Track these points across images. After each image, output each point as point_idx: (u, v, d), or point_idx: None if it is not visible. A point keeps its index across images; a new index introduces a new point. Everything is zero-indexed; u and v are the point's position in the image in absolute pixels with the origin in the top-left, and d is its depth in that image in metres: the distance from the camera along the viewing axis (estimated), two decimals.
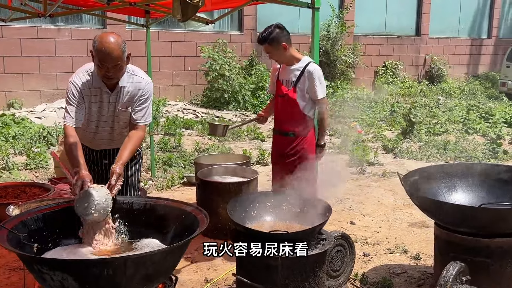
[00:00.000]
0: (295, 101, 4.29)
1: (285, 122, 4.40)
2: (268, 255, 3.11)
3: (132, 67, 3.59)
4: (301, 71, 4.28)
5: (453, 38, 19.21)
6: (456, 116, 11.99)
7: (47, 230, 2.96)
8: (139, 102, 3.57)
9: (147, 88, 3.59)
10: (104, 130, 3.70)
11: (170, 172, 7.25)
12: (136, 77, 3.57)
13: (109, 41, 3.24)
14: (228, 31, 13.74)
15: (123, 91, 3.53)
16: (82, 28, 11.44)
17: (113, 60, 3.26)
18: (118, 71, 3.36)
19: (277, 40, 4.24)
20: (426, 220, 5.39)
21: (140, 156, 4.00)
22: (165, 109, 11.67)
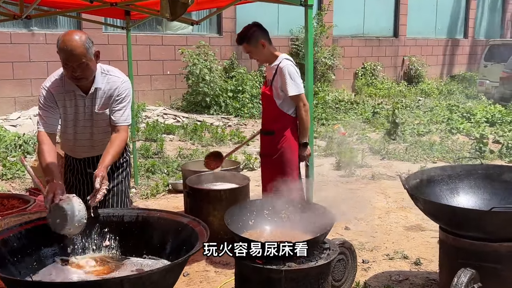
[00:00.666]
0: (272, 98, 4.26)
1: (266, 121, 4.41)
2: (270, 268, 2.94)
3: (107, 67, 3.41)
4: (275, 69, 4.24)
5: (430, 39, 19.31)
6: (438, 116, 11.97)
7: (31, 247, 2.72)
8: (116, 102, 3.36)
9: (124, 87, 3.37)
10: (83, 136, 3.48)
11: (154, 180, 6.99)
12: (112, 76, 3.37)
13: (71, 39, 3.06)
14: (207, 34, 13.52)
15: (98, 93, 3.33)
16: (57, 32, 11.07)
17: (77, 58, 3.06)
18: (85, 70, 3.15)
19: (255, 38, 4.20)
20: (422, 223, 5.27)
21: (128, 163, 3.74)
22: (144, 114, 11.39)
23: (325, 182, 6.96)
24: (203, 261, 4.39)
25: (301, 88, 4.21)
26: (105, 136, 3.49)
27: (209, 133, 10.00)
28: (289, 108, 4.25)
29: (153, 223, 2.97)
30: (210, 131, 10.16)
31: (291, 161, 4.29)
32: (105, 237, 2.98)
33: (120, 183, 3.64)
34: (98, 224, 2.98)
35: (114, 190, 3.61)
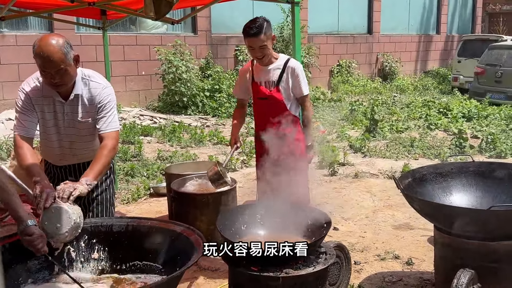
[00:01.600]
0: (281, 101, 4.01)
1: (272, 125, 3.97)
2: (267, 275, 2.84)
3: (88, 72, 3.24)
4: (281, 69, 4.01)
5: (403, 35, 19.46)
6: (415, 112, 12.03)
7: (16, 262, 2.56)
8: (100, 110, 3.20)
9: (105, 93, 3.21)
10: (64, 144, 3.32)
11: (134, 183, 6.81)
12: (92, 82, 3.21)
13: (48, 44, 2.89)
14: (182, 33, 13.33)
15: (80, 100, 3.17)
16: (28, 34, 10.76)
17: (54, 64, 2.91)
18: (64, 76, 2.99)
19: (269, 30, 3.89)
20: (410, 222, 5.24)
21: (111, 170, 3.58)
22: (120, 116, 11.15)
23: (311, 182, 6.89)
24: (191, 267, 4.25)
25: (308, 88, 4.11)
26: (87, 144, 3.35)
27: (187, 134, 9.84)
28: (295, 110, 4.10)
29: (144, 233, 2.85)
30: (188, 132, 10.00)
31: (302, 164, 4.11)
32: (94, 249, 2.85)
33: (104, 191, 3.49)
34: (85, 235, 2.83)
35: (99, 198, 3.46)
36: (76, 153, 3.36)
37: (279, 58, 4.07)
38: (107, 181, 3.52)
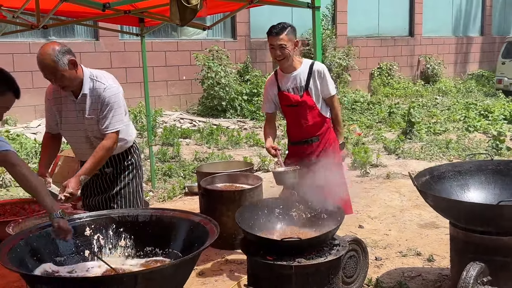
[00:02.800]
0: (314, 105, 4.07)
1: (305, 130, 4.12)
2: (281, 264, 3.01)
3: (97, 73, 3.51)
4: (307, 73, 4.07)
5: (446, 37, 19.20)
6: (455, 115, 11.91)
7: (49, 247, 2.83)
8: (102, 109, 3.46)
9: (107, 94, 3.44)
10: (80, 140, 3.62)
11: (171, 183, 7.11)
12: (98, 83, 3.47)
13: (42, 53, 3.23)
14: (221, 39, 13.65)
15: (86, 99, 3.47)
16: (75, 41, 11.31)
17: (49, 71, 3.25)
18: (62, 80, 3.32)
19: (293, 33, 3.99)
20: (436, 221, 5.28)
21: (135, 165, 3.81)
22: (161, 119, 11.55)
23: None
24: (218, 260, 4.48)
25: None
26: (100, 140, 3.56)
27: (225, 137, 10.11)
28: (326, 111, 4.16)
29: (167, 222, 3.06)
30: (226, 134, 10.27)
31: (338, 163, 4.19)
32: (121, 237, 3.09)
33: (127, 185, 3.74)
34: (113, 224, 3.09)
35: (122, 192, 3.73)
36: (92, 147, 3.57)
37: (303, 63, 4.13)
38: (129, 176, 3.76)
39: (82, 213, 3.36)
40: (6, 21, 5.21)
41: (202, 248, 2.55)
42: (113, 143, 3.46)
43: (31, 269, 2.60)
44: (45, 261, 2.74)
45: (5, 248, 2.55)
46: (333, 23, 15.73)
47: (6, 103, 2.85)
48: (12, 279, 4.01)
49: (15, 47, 10.37)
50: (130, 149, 3.75)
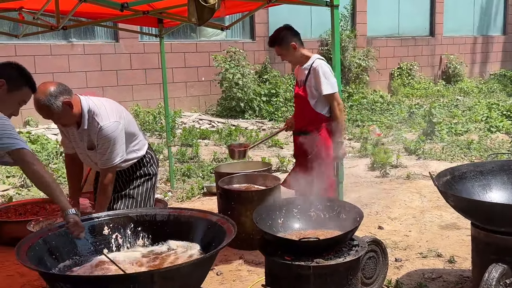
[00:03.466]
0: (306, 99, 4.32)
1: (300, 122, 4.45)
2: (299, 264, 2.99)
3: (94, 109, 3.47)
4: (308, 69, 4.30)
5: (468, 37, 18.94)
6: (477, 115, 11.74)
7: (68, 246, 2.85)
8: (99, 146, 3.52)
9: (103, 134, 3.46)
10: (89, 160, 3.70)
11: (189, 183, 7.13)
12: (94, 121, 3.47)
13: (37, 99, 3.25)
14: (240, 40, 13.66)
15: (85, 133, 3.52)
16: (95, 43, 11.43)
17: (45, 114, 3.32)
18: (60, 120, 3.41)
19: (286, 40, 4.29)
20: (457, 222, 5.20)
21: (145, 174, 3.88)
22: (180, 120, 11.60)
23: (359, 183, 6.95)
24: (236, 260, 4.47)
25: (335, 87, 4.25)
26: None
27: (243, 137, 10.11)
28: (322, 108, 4.30)
29: (184, 222, 3.07)
30: (244, 135, 10.27)
31: (326, 161, 4.28)
32: (139, 236, 3.10)
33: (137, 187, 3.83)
34: (131, 224, 3.10)
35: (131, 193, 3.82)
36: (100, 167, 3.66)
37: (310, 58, 4.35)
38: (140, 180, 3.84)
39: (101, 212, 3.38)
40: (26, 22, 5.28)
41: (220, 248, 2.54)
42: (112, 177, 3.58)
43: (49, 268, 2.62)
44: (63, 260, 2.76)
45: (24, 246, 2.57)
46: (352, 23, 15.63)
47: (24, 97, 2.95)
48: (32, 278, 4.06)
49: (37, 49, 10.51)
50: (141, 161, 3.81)
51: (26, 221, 4.49)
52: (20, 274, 4.21)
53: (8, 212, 5.09)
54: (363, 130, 10.32)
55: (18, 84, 2.90)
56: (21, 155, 2.69)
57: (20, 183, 7.06)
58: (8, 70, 2.92)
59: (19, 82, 2.92)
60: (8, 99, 2.88)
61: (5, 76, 2.88)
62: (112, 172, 3.57)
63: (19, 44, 9.82)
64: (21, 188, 6.94)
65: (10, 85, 2.88)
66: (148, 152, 3.87)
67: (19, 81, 2.92)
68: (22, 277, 4.17)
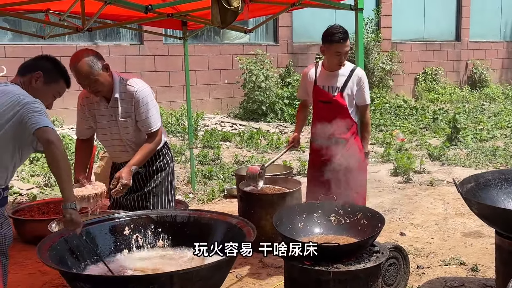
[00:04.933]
0: (344, 106, 4.10)
1: (333, 129, 4.14)
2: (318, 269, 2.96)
3: (126, 77, 3.58)
4: (347, 76, 4.11)
5: (494, 42, 18.65)
6: (503, 121, 11.54)
7: (89, 246, 2.87)
8: (138, 111, 3.54)
9: (140, 95, 3.52)
10: (115, 142, 3.70)
11: (210, 185, 7.14)
12: (128, 86, 3.54)
13: (75, 59, 3.32)
14: (263, 43, 13.67)
15: (118, 102, 3.53)
16: (120, 45, 11.55)
17: (83, 77, 3.32)
18: (96, 85, 3.39)
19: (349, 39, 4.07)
20: (481, 230, 5.12)
21: (167, 165, 3.88)
22: (203, 122, 11.64)
23: (382, 188, 6.88)
24: (256, 264, 4.45)
25: None
26: (136, 140, 3.67)
27: (265, 140, 10.10)
28: (355, 116, 4.20)
29: (204, 224, 3.07)
30: (266, 138, 10.26)
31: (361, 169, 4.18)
32: (159, 237, 3.12)
33: (159, 184, 3.81)
34: (152, 224, 3.11)
35: (154, 191, 3.78)
36: (127, 149, 3.69)
37: (346, 65, 4.16)
38: (162, 175, 3.82)
39: (122, 212, 3.41)
40: (52, 23, 5.36)
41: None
42: (158, 138, 3.62)
43: (70, 267, 2.64)
44: (84, 260, 2.78)
45: (46, 245, 2.60)
46: (377, 27, 15.51)
47: (59, 89, 3.02)
48: (53, 277, 4.11)
49: (63, 49, 10.64)
50: (162, 150, 3.82)
51: (49, 220, 4.53)
52: (41, 272, 4.27)
53: (31, 211, 5.16)
54: (386, 135, 10.23)
55: (54, 76, 2.97)
56: (43, 134, 2.60)
57: (44, 182, 7.15)
58: (45, 63, 2.99)
59: (56, 75, 2.99)
60: (44, 91, 2.93)
61: (42, 68, 2.93)
62: (158, 136, 3.62)
63: (45, 45, 9.96)
64: (45, 187, 7.04)
65: (47, 77, 2.93)
66: (166, 143, 3.91)
67: (56, 73, 2.99)
68: (43, 276, 4.22)
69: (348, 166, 4.02)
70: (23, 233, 4.94)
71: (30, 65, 2.97)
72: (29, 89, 2.88)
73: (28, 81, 2.90)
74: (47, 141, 2.60)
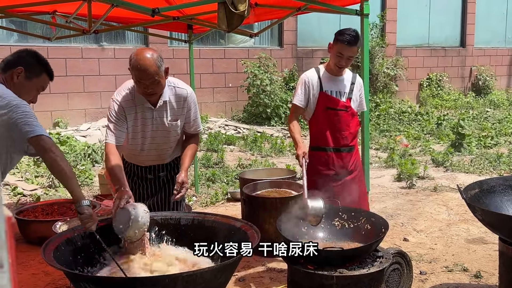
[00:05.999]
0: (355, 113, 4.06)
1: (345, 137, 4.02)
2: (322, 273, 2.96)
3: (173, 80, 3.54)
4: (351, 82, 4.04)
5: (499, 49, 18.64)
6: (507, 128, 11.53)
7: (94, 246, 2.88)
8: (189, 113, 3.55)
9: (191, 98, 3.55)
10: (151, 147, 3.61)
11: (214, 188, 7.15)
12: (178, 88, 3.51)
13: (144, 58, 3.19)
14: (268, 47, 13.69)
15: (168, 105, 3.48)
16: (125, 47, 11.58)
17: (150, 76, 3.19)
18: (157, 87, 3.29)
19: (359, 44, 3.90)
20: (485, 236, 5.11)
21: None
22: (207, 125, 11.66)
23: (385, 193, 6.87)
24: (259, 267, 4.46)
25: None
26: (172, 145, 3.65)
27: (268, 144, 10.11)
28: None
29: (208, 227, 3.07)
30: (269, 142, 10.27)
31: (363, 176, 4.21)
32: (163, 239, 3.12)
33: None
34: (156, 227, 3.12)
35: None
36: (161, 153, 3.66)
37: (346, 71, 4.08)
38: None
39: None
40: (59, 25, 5.39)
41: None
42: (199, 140, 3.77)
43: (74, 267, 2.65)
44: (88, 260, 2.79)
45: (50, 246, 2.61)
46: (382, 32, 15.52)
47: (42, 83, 3.01)
48: (56, 277, 4.12)
49: (69, 51, 10.71)
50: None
51: (53, 221, 4.55)
52: (45, 273, 4.28)
53: (35, 212, 5.18)
54: (390, 140, 10.23)
55: (36, 70, 2.95)
56: (39, 142, 2.62)
57: (48, 183, 7.18)
58: (26, 58, 2.96)
59: (38, 69, 2.96)
60: (27, 86, 2.92)
61: (23, 64, 2.91)
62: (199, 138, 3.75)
63: (52, 46, 10.00)
64: (48, 188, 7.06)
65: (29, 72, 2.92)
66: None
67: (38, 68, 2.96)
68: (46, 276, 4.24)
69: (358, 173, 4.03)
70: (27, 234, 4.96)
71: (11, 61, 2.94)
72: (11, 85, 2.86)
73: (10, 77, 2.89)
74: (44, 149, 2.62)
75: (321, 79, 4.02)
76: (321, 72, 4.05)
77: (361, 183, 4.16)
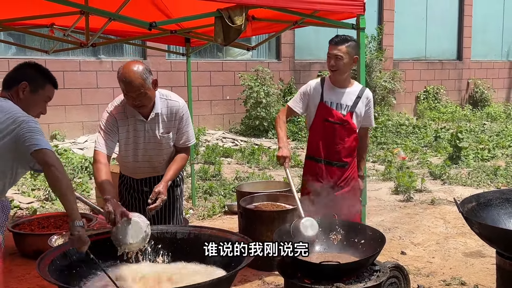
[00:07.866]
0: (355, 128, 3.97)
1: (338, 151, 3.97)
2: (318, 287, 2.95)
3: (165, 92, 3.58)
4: (357, 95, 3.96)
5: (496, 62, 18.74)
6: (505, 141, 11.55)
7: (89, 260, 2.86)
8: (180, 125, 3.57)
9: (183, 110, 3.58)
10: (144, 158, 3.63)
11: (211, 201, 7.13)
12: (170, 101, 3.55)
13: (130, 71, 3.24)
14: (266, 60, 13.74)
15: (160, 118, 3.51)
16: (123, 60, 11.59)
17: (135, 88, 3.25)
18: (144, 99, 3.33)
19: (355, 48, 3.90)
20: (482, 250, 5.09)
21: (182, 181, 3.92)
22: (204, 138, 11.66)
23: (382, 206, 6.86)
24: (256, 281, 4.43)
25: None
26: (165, 158, 3.66)
27: (266, 157, 10.11)
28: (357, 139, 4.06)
29: (204, 240, 3.05)
30: (267, 154, 10.27)
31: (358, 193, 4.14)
32: (159, 253, 3.11)
33: (176, 201, 3.81)
34: (152, 241, 3.10)
35: (171, 207, 3.75)
36: (155, 165, 3.68)
37: (354, 85, 4.04)
38: (178, 191, 3.83)
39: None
40: (57, 38, 5.41)
41: (239, 268, 2.53)
42: (189, 154, 3.78)
43: (70, 282, 2.63)
44: (84, 274, 2.77)
45: (45, 260, 2.59)
46: (379, 45, 15.59)
47: (48, 94, 3.03)
48: None
49: (66, 64, 10.72)
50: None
51: (49, 234, 4.53)
52: (40, 287, 4.25)
53: (31, 225, 5.15)
54: (387, 153, 10.23)
55: (40, 83, 2.96)
56: (42, 156, 2.61)
57: (45, 196, 7.15)
58: (27, 71, 2.97)
59: (41, 81, 2.97)
60: (34, 99, 2.93)
61: (27, 78, 2.92)
62: (189, 151, 3.79)
63: (49, 59, 10.00)
64: (45, 201, 7.03)
65: (33, 85, 2.92)
66: None
67: (41, 80, 2.97)
68: None
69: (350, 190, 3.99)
70: (22, 247, 4.93)
71: (13, 77, 2.94)
72: (18, 101, 2.87)
73: (16, 93, 2.89)
74: (46, 163, 2.61)
75: (323, 89, 4.00)
76: (326, 82, 4.03)
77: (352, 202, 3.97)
